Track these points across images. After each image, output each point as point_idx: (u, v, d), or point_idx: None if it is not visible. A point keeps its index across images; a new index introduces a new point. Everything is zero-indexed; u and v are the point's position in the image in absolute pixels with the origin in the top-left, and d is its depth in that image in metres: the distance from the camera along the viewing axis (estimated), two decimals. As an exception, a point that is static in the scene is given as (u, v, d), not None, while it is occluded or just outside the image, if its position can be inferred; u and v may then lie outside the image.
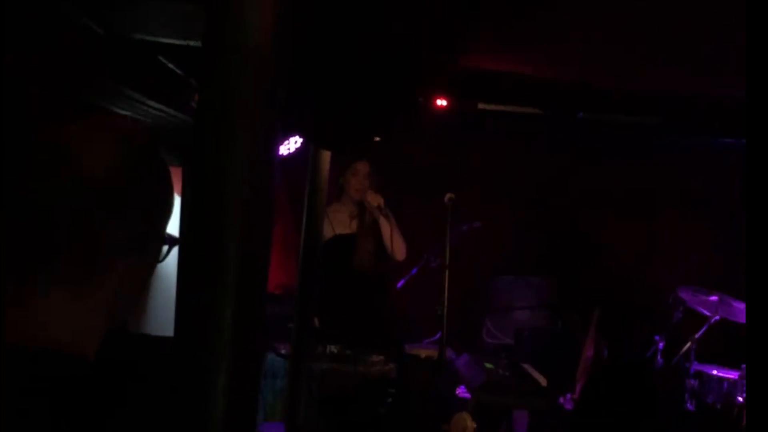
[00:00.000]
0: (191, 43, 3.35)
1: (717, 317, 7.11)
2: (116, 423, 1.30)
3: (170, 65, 3.85)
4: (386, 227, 6.54)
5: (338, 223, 6.67)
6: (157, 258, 1.49)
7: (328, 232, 6.54)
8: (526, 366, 6.66)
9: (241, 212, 1.41)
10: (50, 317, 1.34)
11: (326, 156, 5.11)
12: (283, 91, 1.48)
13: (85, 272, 1.36)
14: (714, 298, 7.16)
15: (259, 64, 1.43)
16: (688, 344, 7.05)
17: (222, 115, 1.42)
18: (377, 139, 4.69)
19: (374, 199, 6.50)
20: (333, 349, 5.87)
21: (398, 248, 6.61)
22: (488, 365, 6.35)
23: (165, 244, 1.49)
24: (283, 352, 5.99)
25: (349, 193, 6.64)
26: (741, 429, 6.28)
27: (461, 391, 6.54)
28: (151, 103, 4.11)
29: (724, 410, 6.53)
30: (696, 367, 7.11)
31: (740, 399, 6.59)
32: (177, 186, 1.53)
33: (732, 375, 6.91)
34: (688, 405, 6.79)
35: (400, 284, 7.46)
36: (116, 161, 1.37)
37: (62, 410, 1.26)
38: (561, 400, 6.44)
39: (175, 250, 1.52)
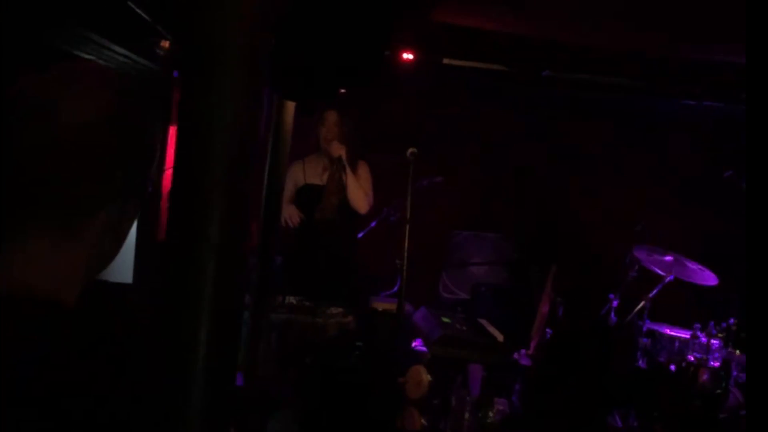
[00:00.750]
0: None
1: (671, 277, 7.19)
2: (93, 370, 1.31)
3: (138, 10, 3.81)
4: (348, 179, 6.55)
5: (311, 173, 6.69)
6: (138, 210, 1.49)
7: (300, 180, 6.57)
8: (482, 321, 6.72)
9: (227, 171, 1.41)
10: (31, 266, 1.34)
11: (290, 107, 5.08)
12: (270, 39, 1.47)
13: (66, 223, 1.36)
14: (669, 258, 7.26)
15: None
16: (642, 303, 7.13)
17: (208, 67, 1.41)
18: (342, 91, 4.68)
19: (336, 150, 6.50)
20: (292, 300, 5.88)
21: (356, 200, 6.62)
22: (445, 319, 6.40)
23: (145, 196, 1.49)
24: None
25: (321, 144, 6.65)
26: (695, 387, 6.38)
27: (417, 345, 6.59)
28: (117, 48, 4.07)
29: (677, 369, 6.65)
30: (649, 325, 7.20)
31: (691, 358, 6.69)
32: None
33: (684, 334, 7.01)
34: (640, 363, 6.89)
35: (359, 236, 7.48)
36: (98, 111, 1.36)
37: (40, 356, 1.26)
38: (516, 355, 6.50)
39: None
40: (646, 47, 6.38)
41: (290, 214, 6.58)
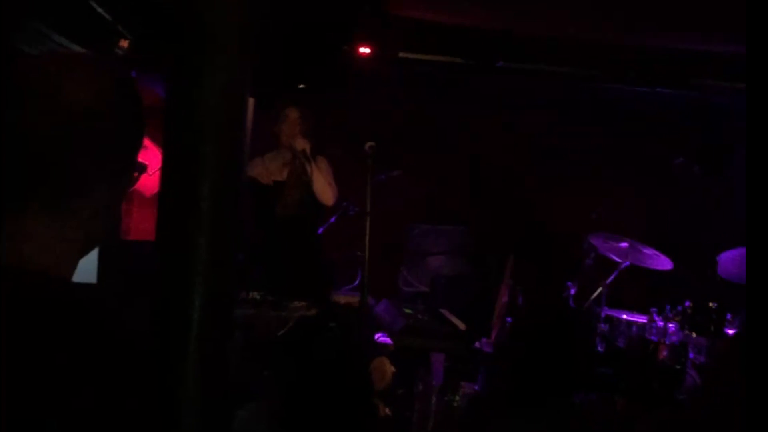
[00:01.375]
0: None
1: (627, 263, 7.32)
2: (96, 341, 1.36)
3: (99, 9, 3.84)
4: (314, 172, 6.59)
5: (273, 169, 6.73)
6: (130, 184, 1.55)
7: (263, 177, 6.61)
8: (443, 311, 6.81)
9: (216, 150, 1.48)
10: (30, 240, 1.40)
11: (250, 103, 5.14)
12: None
13: (65, 198, 1.42)
14: (624, 244, 7.37)
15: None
16: (599, 289, 7.25)
17: (196, 49, 1.47)
18: (301, 86, 4.75)
19: (299, 144, 6.54)
20: (255, 295, 5.92)
21: (323, 193, 6.66)
22: (407, 311, 6.49)
23: (136, 171, 1.55)
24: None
25: (281, 139, 6.68)
26: (655, 363, 6.49)
27: (380, 337, 6.65)
28: (77, 48, 4.09)
29: (635, 349, 6.76)
30: (606, 312, 7.31)
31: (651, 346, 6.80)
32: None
33: (641, 319, 7.13)
34: (599, 348, 7.00)
35: (319, 231, 7.53)
36: (95, 94, 1.43)
37: (42, 328, 1.32)
38: (477, 344, 6.58)
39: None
40: (598, 35, 6.49)
41: (259, 173, 6.62)
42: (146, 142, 1.60)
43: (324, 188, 6.62)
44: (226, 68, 1.53)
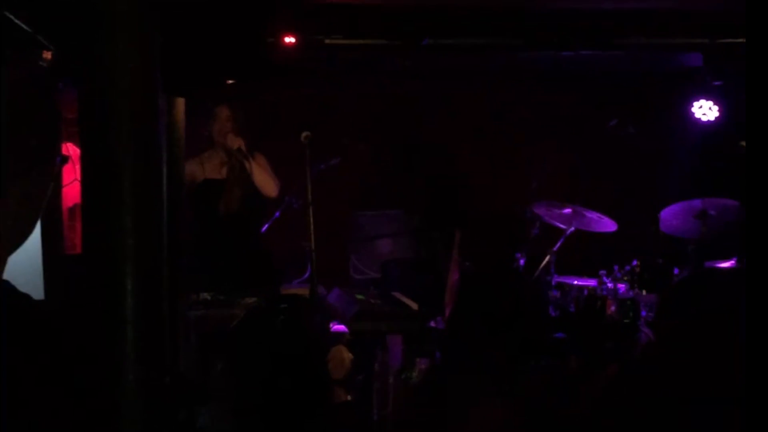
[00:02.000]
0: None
1: (572, 229, 7.40)
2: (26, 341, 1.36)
3: (17, 21, 3.80)
4: (252, 168, 6.58)
5: (210, 168, 6.71)
6: (51, 176, 1.55)
7: (199, 176, 6.58)
8: (396, 294, 6.83)
9: (133, 137, 1.48)
10: None
11: (180, 104, 5.12)
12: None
13: None
14: (567, 210, 7.44)
15: None
16: (547, 258, 7.31)
17: (108, 42, 1.47)
18: (230, 81, 4.73)
19: (234, 142, 6.53)
20: (206, 295, 5.91)
21: (265, 185, 6.67)
22: (359, 296, 6.49)
23: (55, 164, 1.55)
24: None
25: (214, 138, 6.67)
26: (603, 318, 6.58)
27: (335, 325, 6.65)
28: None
29: (584, 307, 6.85)
30: (557, 279, 7.39)
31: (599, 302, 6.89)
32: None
33: (591, 283, 7.22)
34: (552, 314, 7.07)
35: (264, 228, 7.51)
36: (7, 88, 1.42)
37: None
38: (432, 323, 6.61)
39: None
40: (518, 2, 6.53)
41: (196, 173, 6.59)
42: (76, 152, 1.60)
43: (265, 181, 6.63)
44: (131, 59, 1.52)
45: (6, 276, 1.47)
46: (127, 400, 1.47)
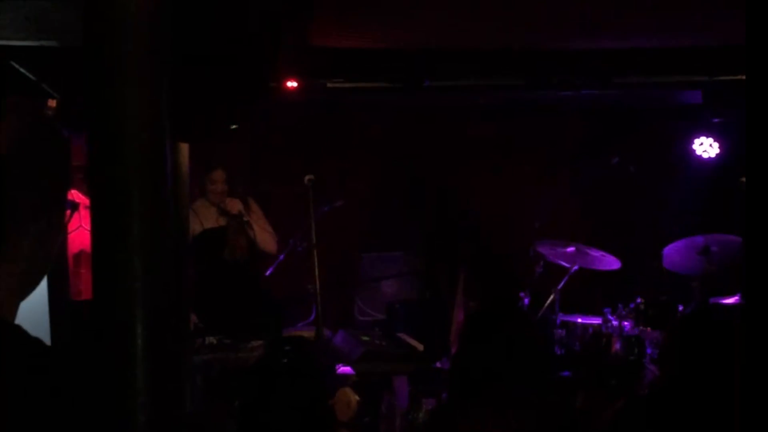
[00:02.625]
0: (45, 43, 3.36)
1: (575, 267, 7.41)
2: (40, 384, 1.38)
3: (22, 70, 3.84)
4: (255, 228, 6.64)
5: (206, 218, 6.71)
6: (62, 224, 1.58)
7: (196, 227, 6.57)
8: (401, 335, 6.85)
9: (140, 177, 1.51)
10: None
11: (184, 148, 5.14)
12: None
13: None
14: (571, 249, 7.46)
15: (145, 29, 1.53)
16: (552, 296, 7.32)
17: (113, 81, 1.51)
18: (234, 127, 4.76)
19: (233, 207, 6.59)
20: (212, 340, 5.92)
21: (267, 244, 6.73)
22: (365, 338, 6.51)
23: (68, 209, 1.58)
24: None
25: (209, 198, 6.70)
26: (608, 357, 6.58)
27: (340, 368, 6.65)
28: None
29: (589, 344, 6.86)
30: (561, 317, 7.39)
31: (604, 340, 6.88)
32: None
33: (595, 320, 7.21)
34: (558, 353, 7.08)
35: (268, 272, 7.53)
36: (18, 136, 1.46)
37: None
38: (438, 364, 6.62)
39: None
40: (518, 44, 6.58)
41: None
42: (83, 199, 1.63)
43: (266, 240, 6.72)
44: (140, 107, 1.56)
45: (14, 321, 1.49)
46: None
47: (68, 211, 1.60)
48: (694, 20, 6.04)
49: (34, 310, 1.64)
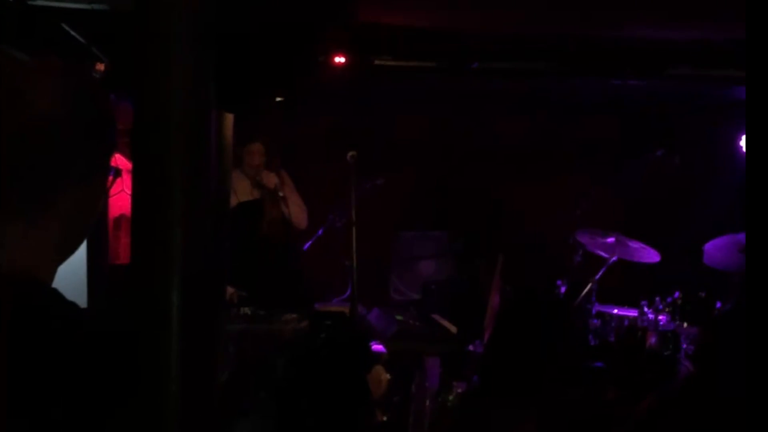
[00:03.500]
0: (96, 7, 3.36)
1: (614, 258, 7.35)
2: (78, 347, 1.39)
3: (73, 33, 3.86)
4: (289, 204, 6.67)
5: (241, 191, 6.74)
6: (104, 188, 1.58)
7: (232, 200, 6.58)
8: (435, 316, 6.84)
9: (184, 146, 1.50)
10: (10, 246, 1.42)
11: (229, 119, 5.15)
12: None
13: (38, 203, 1.44)
14: (611, 239, 7.40)
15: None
16: (589, 286, 7.27)
17: (158, 52, 1.49)
18: (279, 99, 4.76)
19: (269, 181, 6.62)
20: (247, 310, 5.94)
21: (299, 219, 6.76)
22: (399, 317, 6.51)
23: (110, 173, 1.58)
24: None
25: (245, 170, 6.73)
26: (643, 350, 6.53)
27: (373, 345, 6.66)
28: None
29: (625, 337, 6.82)
30: (597, 307, 7.34)
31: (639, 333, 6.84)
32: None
33: (631, 313, 7.16)
34: (591, 343, 7.04)
35: (306, 246, 7.55)
36: (63, 97, 1.45)
37: (24, 334, 1.34)
38: (471, 347, 6.60)
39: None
40: (569, 29, 6.52)
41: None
42: (125, 164, 1.63)
43: (298, 215, 6.76)
44: (186, 75, 1.54)
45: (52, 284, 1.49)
46: (170, 412, 1.48)
47: (111, 177, 1.60)
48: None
49: (72, 272, 1.65)
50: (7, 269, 1.40)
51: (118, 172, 1.54)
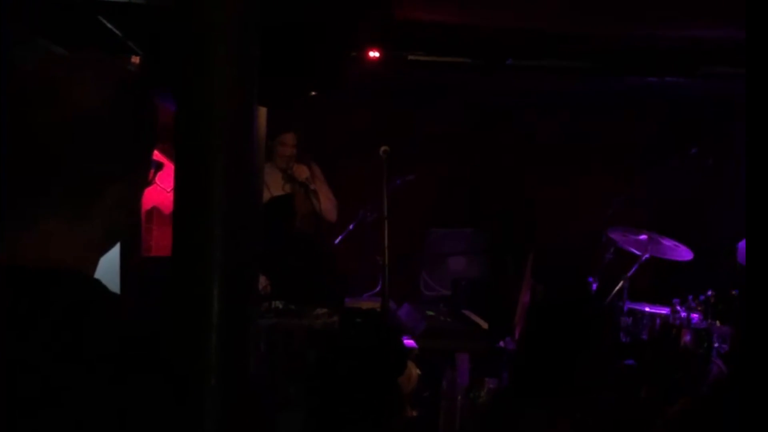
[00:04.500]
0: (133, 0, 3.38)
1: (647, 255, 7.32)
2: (121, 338, 1.40)
3: (109, 25, 3.87)
4: (320, 197, 6.69)
5: (273, 184, 6.75)
6: (146, 181, 1.59)
7: (264, 193, 6.60)
8: (466, 312, 6.83)
9: (226, 141, 1.51)
10: (53, 240, 1.44)
11: (263, 112, 5.15)
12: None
13: (81, 197, 1.46)
14: (643, 237, 7.36)
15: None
16: (621, 283, 7.24)
17: (204, 43, 1.50)
18: (313, 93, 4.76)
19: (300, 173, 6.63)
20: (278, 304, 5.96)
21: (329, 212, 6.78)
22: (429, 313, 6.51)
23: (151, 168, 1.60)
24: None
25: (276, 161, 6.75)
26: (677, 348, 6.51)
27: (404, 341, 6.65)
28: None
29: (658, 335, 6.79)
30: (629, 305, 7.31)
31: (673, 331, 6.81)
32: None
33: (663, 311, 7.13)
34: (623, 341, 7.01)
35: (337, 240, 7.56)
36: (104, 93, 1.47)
37: (70, 326, 1.35)
38: (501, 343, 6.59)
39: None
40: (603, 27, 6.49)
41: None
42: (163, 159, 1.64)
43: (329, 209, 6.79)
44: (231, 72, 1.55)
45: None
46: (210, 405, 1.49)
47: (152, 171, 1.61)
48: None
49: (106, 264, 1.67)
50: (53, 262, 1.42)
51: (159, 166, 1.55)
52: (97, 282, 1.47)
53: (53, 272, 1.41)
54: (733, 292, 7.00)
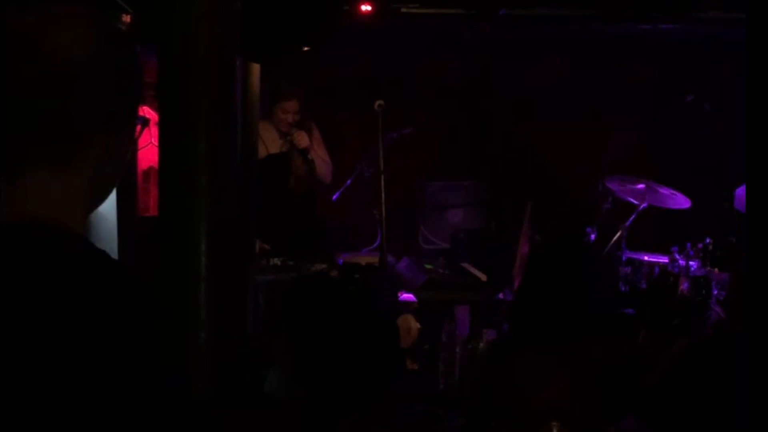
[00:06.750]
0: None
1: (645, 204, 7.30)
2: (111, 292, 1.39)
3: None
4: (316, 161, 6.68)
5: (269, 141, 6.72)
6: (133, 136, 1.58)
7: (261, 150, 6.60)
8: (464, 265, 6.84)
9: (208, 96, 1.49)
10: (37, 194, 1.43)
11: (256, 69, 5.13)
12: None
13: (65, 150, 1.45)
14: (641, 186, 7.34)
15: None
16: (619, 233, 7.23)
17: (187, 7, 1.49)
18: (305, 48, 4.74)
19: (301, 140, 6.58)
20: (276, 261, 5.97)
21: (324, 175, 6.78)
22: (428, 266, 6.51)
23: (138, 123, 1.58)
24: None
25: (276, 123, 6.70)
26: (675, 295, 6.52)
27: (403, 294, 6.67)
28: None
29: (656, 282, 6.80)
30: (627, 254, 7.31)
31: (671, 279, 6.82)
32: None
33: (662, 259, 7.13)
34: (622, 290, 7.02)
35: (335, 196, 7.55)
36: (87, 45, 1.45)
37: (55, 280, 1.34)
38: (501, 295, 6.60)
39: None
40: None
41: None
42: (153, 116, 1.64)
43: (323, 172, 6.77)
44: (210, 24, 1.54)
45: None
46: (197, 358, 1.49)
47: (139, 126, 1.60)
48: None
49: (103, 224, 1.66)
50: (34, 216, 1.41)
51: (146, 122, 1.55)
52: (81, 237, 1.46)
53: (32, 226, 1.40)
54: (731, 239, 7.00)
